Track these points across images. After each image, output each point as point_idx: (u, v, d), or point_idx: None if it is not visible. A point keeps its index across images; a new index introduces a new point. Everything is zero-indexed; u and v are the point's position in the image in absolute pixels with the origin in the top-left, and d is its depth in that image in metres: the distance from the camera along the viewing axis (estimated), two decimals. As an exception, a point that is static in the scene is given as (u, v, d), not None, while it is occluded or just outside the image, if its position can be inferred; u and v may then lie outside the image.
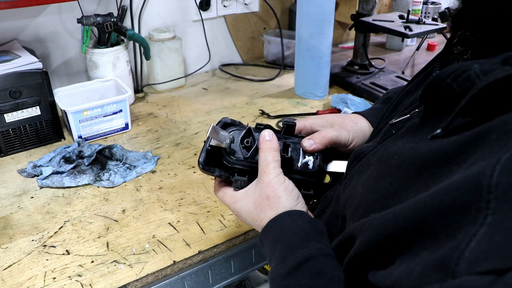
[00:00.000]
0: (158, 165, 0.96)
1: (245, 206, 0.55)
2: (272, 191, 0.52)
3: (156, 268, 0.69)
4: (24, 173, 0.93)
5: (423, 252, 0.29)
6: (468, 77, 0.34)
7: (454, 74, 0.36)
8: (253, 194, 0.54)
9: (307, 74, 1.26)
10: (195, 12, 1.40)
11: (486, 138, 0.31)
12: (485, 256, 0.24)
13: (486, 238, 0.25)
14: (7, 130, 0.98)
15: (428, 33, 1.26)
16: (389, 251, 0.33)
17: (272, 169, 0.53)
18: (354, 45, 1.40)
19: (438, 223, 0.29)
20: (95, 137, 1.07)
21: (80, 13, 1.17)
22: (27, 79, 0.96)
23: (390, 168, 0.39)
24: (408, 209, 0.32)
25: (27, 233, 0.76)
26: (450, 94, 0.36)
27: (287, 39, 1.49)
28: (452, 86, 0.35)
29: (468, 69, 0.35)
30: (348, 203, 0.45)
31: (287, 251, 0.46)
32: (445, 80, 0.36)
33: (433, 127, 0.38)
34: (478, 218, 0.26)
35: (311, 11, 1.16)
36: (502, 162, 0.27)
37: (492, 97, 0.32)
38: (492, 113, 0.32)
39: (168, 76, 1.34)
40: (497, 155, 0.28)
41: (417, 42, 1.75)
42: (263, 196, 0.52)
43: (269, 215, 0.51)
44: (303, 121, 0.63)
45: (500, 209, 0.26)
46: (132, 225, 0.78)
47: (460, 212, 0.28)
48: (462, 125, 0.34)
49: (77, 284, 0.66)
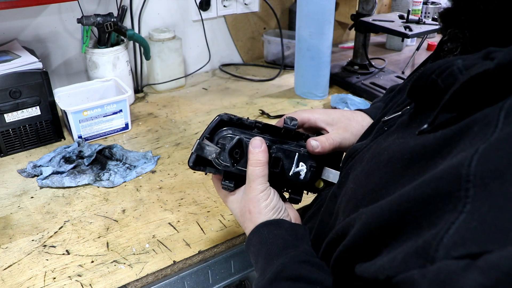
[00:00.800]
0: (158, 165, 0.96)
1: (234, 209, 0.57)
2: (254, 207, 0.53)
3: (156, 268, 0.69)
4: (24, 173, 0.93)
5: (407, 242, 0.30)
6: (452, 72, 0.35)
7: (438, 70, 0.36)
8: (239, 203, 0.56)
9: (307, 74, 1.26)
10: (195, 12, 1.40)
11: (469, 131, 0.31)
12: (462, 242, 0.25)
13: (464, 224, 0.26)
14: (7, 130, 0.98)
15: (428, 33, 1.26)
16: (376, 243, 0.34)
17: (257, 185, 0.53)
18: (354, 45, 1.40)
19: (421, 213, 0.30)
20: (95, 137, 1.07)
21: (80, 13, 1.17)
22: (27, 79, 0.96)
23: (379, 163, 0.40)
24: (394, 202, 0.32)
25: (27, 233, 0.76)
26: (436, 90, 0.37)
27: (287, 39, 1.49)
28: (437, 81, 0.36)
29: (451, 64, 0.35)
30: (342, 200, 0.46)
31: (267, 262, 0.48)
32: (430, 76, 0.37)
33: (421, 122, 0.39)
34: (458, 206, 0.27)
35: (311, 11, 1.16)
36: (480, 152, 0.28)
37: (475, 91, 0.33)
38: (476, 107, 0.33)
39: (168, 76, 1.34)
40: (476, 145, 0.29)
41: (417, 42, 1.75)
42: (246, 209, 0.54)
43: (249, 227, 0.53)
44: (307, 114, 0.62)
45: (478, 196, 0.26)
46: (132, 225, 0.78)
47: (441, 201, 0.28)
48: (447, 120, 0.35)
49: (77, 284, 0.66)
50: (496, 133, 0.28)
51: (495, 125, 0.29)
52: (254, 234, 0.52)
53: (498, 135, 0.28)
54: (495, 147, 0.28)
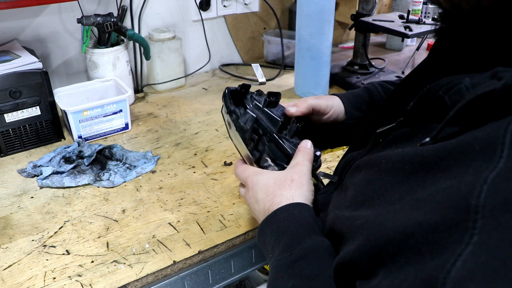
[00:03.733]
0: (158, 165, 0.96)
1: (265, 179, 0.58)
2: (299, 177, 0.56)
3: (156, 268, 0.69)
4: (24, 173, 0.93)
5: (406, 267, 0.30)
6: (459, 90, 0.36)
7: (446, 87, 0.37)
8: (279, 173, 0.58)
9: (307, 74, 1.26)
10: (195, 12, 1.40)
11: (469, 147, 0.31)
12: (471, 277, 0.25)
13: (472, 258, 0.26)
14: (7, 130, 0.98)
15: (428, 33, 1.26)
16: (373, 261, 0.34)
17: (306, 165, 0.57)
18: (354, 45, 1.40)
19: (424, 239, 0.29)
20: (95, 137, 1.07)
21: (80, 13, 1.17)
22: (27, 79, 0.96)
23: (380, 172, 0.40)
24: (398, 223, 0.32)
25: (27, 233, 0.76)
26: (441, 106, 0.38)
27: (287, 39, 1.49)
28: (444, 98, 0.37)
29: (459, 82, 0.36)
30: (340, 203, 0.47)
31: (295, 240, 0.48)
32: (437, 93, 0.38)
33: (423, 136, 0.39)
34: (464, 237, 0.26)
35: (311, 11, 1.16)
36: (489, 182, 0.27)
37: (480, 109, 0.33)
38: (479, 123, 0.33)
39: (168, 76, 1.34)
40: (484, 173, 0.28)
41: (417, 42, 1.75)
42: (288, 177, 0.56)
43: (286, 195, 0.54)
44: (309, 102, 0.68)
45: (486, 229, 0.26)
46: (132, 225, 0.78)
47: (446, 230, 0.28)
48: (450, 134, 0.35)
49: (77, 284, 0.66)
50: (503, 158, 0.28)
51: (501, 149, 0.29)
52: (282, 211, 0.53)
53: (506, 162, 0.28)
54: (504, 177, 0.27)
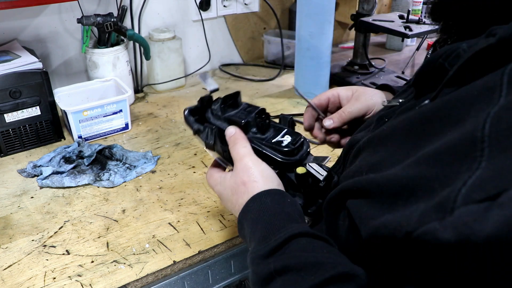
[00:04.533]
0: (158, 165, 0.96)
1: (224, 190, 0.54)
2: (248, 176, 0.50)
3: (156, 268, 0.69)
4: (24, 173, 0.93)
5: (418, 204, 0.31)
6: (458, 54, 0.38)
7: (445, 54, 0.39)
8: (230, 180, 0.53)
9: (307, 74, 1.26)
10: (195, 12, 1.40)
11: (468, 94, 0.33)
12: (480, 188, 0.27)
13: (481, 176, 0.27)
14: (7, 130, 0.98)
15: (428, 33, 1.26)
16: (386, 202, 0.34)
17: (244, 153, 0.52)
18: (354, 45, 1.40)
19: (435, 176, 0.31)
20: (95, 137, 1.07)
21: (80, 13, 1.17)
22: (27, 79, 0.96)
23: (381, 140, 0.41)
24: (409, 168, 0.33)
25: (27, 233, 0.76)
26: (442, 73, 0.39)
27: (287, 39, 1.49)
28: (444, 64, 0.39)
29: (457, 47, 0.38)
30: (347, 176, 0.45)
31: (269, 231, 0.45)
32: (437, 61, 0.40)
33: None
34: (473, 165, 0.28)
35: (311, 11, 1.16)
36: (491, 115, 0.29)
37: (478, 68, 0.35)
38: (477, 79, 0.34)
39: (168, 76, 1.34)
40: (486, 111, 0.30)
41: (417, 42, 1.74)
42: (239, 182, 0.51)
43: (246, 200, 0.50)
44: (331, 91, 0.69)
45: (493, 153, 0.28)
46: (132, 225, 0.78)
47: (457, 163, 0.30)
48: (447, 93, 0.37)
49: (77, 284, 0.66)
50: (503, 96, 0.30)
51: (500, 89, 0.30)
52: (254, 201, 0.49)
53: (506, 97, 0.30)
54: (506, 108, 0.29)
